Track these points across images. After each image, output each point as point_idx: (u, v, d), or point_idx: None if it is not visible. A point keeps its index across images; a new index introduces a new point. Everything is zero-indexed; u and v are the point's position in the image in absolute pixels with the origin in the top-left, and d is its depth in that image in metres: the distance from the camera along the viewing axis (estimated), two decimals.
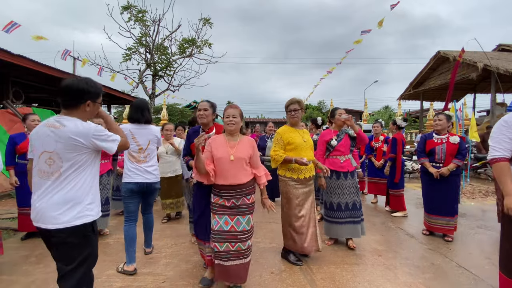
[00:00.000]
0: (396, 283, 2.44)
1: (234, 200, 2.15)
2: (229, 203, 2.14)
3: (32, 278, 2.53)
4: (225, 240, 2.13)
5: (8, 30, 6.77)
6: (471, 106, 14.41)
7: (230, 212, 2.16)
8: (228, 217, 2.15)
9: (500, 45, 13.55)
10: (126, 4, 8.42)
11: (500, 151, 1.70)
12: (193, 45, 9.25)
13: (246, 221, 2.19)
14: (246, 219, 2.19)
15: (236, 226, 2.14)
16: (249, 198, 2.21)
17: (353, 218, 3.10)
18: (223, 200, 2.15)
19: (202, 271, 2.62)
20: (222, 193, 2.15)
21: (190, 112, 27.01)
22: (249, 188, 2.21)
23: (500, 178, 1.71)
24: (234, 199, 2.15)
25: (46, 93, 8.65)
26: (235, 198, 2.15)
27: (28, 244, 3.33)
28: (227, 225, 2.14)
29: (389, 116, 20.65)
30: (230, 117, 2.18)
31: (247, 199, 2.20)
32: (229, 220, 2.15)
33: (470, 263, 2.82)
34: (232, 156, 2.12)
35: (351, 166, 3.15)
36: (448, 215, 3.39)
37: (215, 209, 2.19)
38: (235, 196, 2.15)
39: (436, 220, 3.48)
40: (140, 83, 9.10)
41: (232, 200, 2.14)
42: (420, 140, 3.68)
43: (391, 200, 4.59)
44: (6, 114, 5.76)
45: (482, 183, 7.07)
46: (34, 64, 6.02)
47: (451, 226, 3.40)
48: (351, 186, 3.12)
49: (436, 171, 3.38)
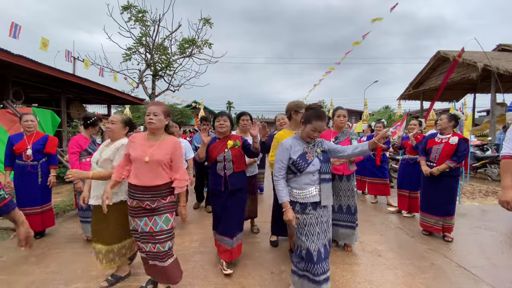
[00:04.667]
0: (396, 283, 2.44)
1: (149, 202, 2.02)
2: (144, 204, 2.02)
3: (32, 278, 2.53)
4: (147, 241, 2.05)
5: (15, 34, 6.80)
6: (471, 106, 14.42)
7: (148, 213, 2.04)
8: (147, 219, 2.04)
9: (500, 45, 13.55)
10: (126, 4, 8.41)
11: (507, 149, 1.89)
12: (193, 45, 9.25)
13: (164, 220, 2.06)
14: (163, 218, 2.06)
15: (154, 226, 2.03)
16: (165, 198, 2.08)
17: (347, 223, 3.03)
18: (137, 202, 2.03)
19: (202, 271, 2.63)
20: (137, 194, 2.02)
21: (190, 112, 27.05)
22: (165, 191, 2.07)
23: (502, 173, 1.89)
24: (149, 201, 2.02)
25: (46, 93, 8.64)
26: (150, 200, 2.02)
27: None
28: (146, 226, 2.03)
29: (389, 116, 20.61)
30: (150, 115, 2.03)
31: (163, 200, 2.07)
32: (148, 222, 2.04)
33: (470, 263, 2.82)
34: (147, 158, 1.98)
35: (347, 169, 3.02)
36: (438, 214, 3.40)
37: (133, 213, 2.08)
38: (150, 198, 2.02)
39: (427, 218, 3.53)
40: (140, 83, 9.09)
41: (146, 202, 2.01)
42: (423, 139, 3.69)
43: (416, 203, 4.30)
44: (6, 114, 5.75)
45: (482, 183, 7.07)
46: (34, 64, 6.01)
47: (439, 225, 3.41)
48: (346, 189, 3.03)
49: (426, 170, 3.43)
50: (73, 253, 3.08)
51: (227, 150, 2.61)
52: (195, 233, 3.65)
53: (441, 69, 12.96)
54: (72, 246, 3.26)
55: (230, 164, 2.61)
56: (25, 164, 3.33)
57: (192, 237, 3.50)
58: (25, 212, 3.33)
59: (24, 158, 3.33)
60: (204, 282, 2.46)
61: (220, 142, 2.66)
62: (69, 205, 4.78)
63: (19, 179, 3.35)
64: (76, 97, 9.63)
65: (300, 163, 1.99)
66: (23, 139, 3.34)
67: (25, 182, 3.35)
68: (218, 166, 2.62)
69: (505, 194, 1.79)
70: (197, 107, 22.30)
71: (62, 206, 4.70)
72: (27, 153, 3.32)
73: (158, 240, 2.03)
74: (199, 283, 2.45)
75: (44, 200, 3.46)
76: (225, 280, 2.48)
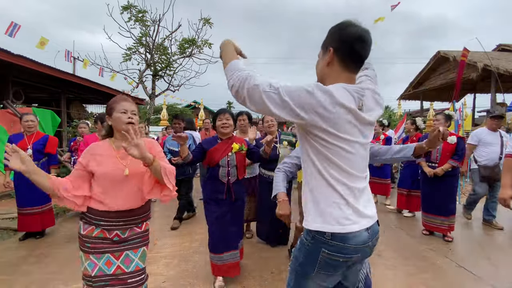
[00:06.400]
0: (396, 283, 2.44)
1: (119, 232, 1.47)
2: (112, 235, 1.46)
3: (32, 278, 2.53)
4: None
5: (12, 33, 6.75)
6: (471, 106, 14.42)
7: (114, 247, 1.47)
8: (111, 255, 1.46)
9: (500, 45, 13.54)
10: (126, 4, 8.42)
11: (509, 148, 2.00)
12: (193, 45, 9.25)
13: (140, 256, 1.54)
14: (139, 253, 1.54)
15: (125, 266, 1.48)
16: (141, 226, 1.56)
17: None
18: (101, 231, 1.45)
19: (202, 271, 2.63)
20: (101, 221, 1.44)
21: (190, 112, 27.04)
22: (142, 216, 1.56)
23: (503, 171, 1.99)
24: (119, 231, 1.47)
25: (46, 93, 8.64)
26: (120, 229, 1.47)
27: (28, 244, 3.33)
28: (110, 266, 1.46)
29: (389, 115, 20.61)
30: (128, 113, 1.47)
31: (138, 228, 1.54)
32: (112, 259, 1.46)
33: (470, 263, 2.82)
34: (126, 170, 1.44)
35: None
36: (443, 214, 3.40)
37: (89, 246, 1.44)
38: (122, 226, 1.47)
39: (431, 219, 3.51)
40: (140, 83, 9.09)
41: (116, 231, 1.46)
42: (418, 140, 3.69)
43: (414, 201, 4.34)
44: (6, 114, 5.75)
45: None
46: (34, 64, 6.01)
47: (445, 225, 3.41)
48: None
49: (430, 171, 3.41)
50: (73, 253, 3.07)
51: (231, 154, 2.34)
52: (195, 233, 3.64)
53: (441, 69, 12.94)
54: (72, 246, 3.26)
55: (234, 170, 2.37)
56: None
57: (192, 237, 3.50)
58: (25, 212, 3.36)
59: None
60: (204, 282, 2.46)
61: (223, 144, 2.37)
62: None
63: (19, 179, 3.35)
64: (76, 97, 9.63)
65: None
66: (23, 139, 3.35)
67: (25, 182, 3.34)
68: (221, 172, 2.34)
69: (504, 192, 1.86)
70: (197, 107, 22.31)
71: (62, 206, 4.70)
72: (27, 153, 3.32)
73: (130, 284, 1.49)
74: (199, 283, 2.45)
75: (44, 200, 3.46)
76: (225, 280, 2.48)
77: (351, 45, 1.06)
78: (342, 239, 1.05)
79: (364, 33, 1.07)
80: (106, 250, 1.46)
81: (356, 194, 1.09)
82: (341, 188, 1.06)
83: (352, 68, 1.11)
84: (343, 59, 1.08)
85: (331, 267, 1.09)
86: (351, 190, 1.08)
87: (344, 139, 1.03)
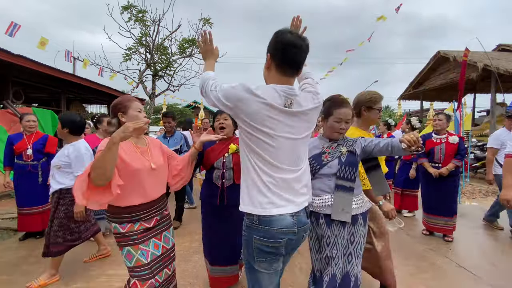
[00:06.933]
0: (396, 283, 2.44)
1: (158, 217, 1.73)
2: (152, 223, 1.69)
3: (32, 278, 2.52)
4: (163, 267, 1.73)
5: (12, 33, 6.74)
6: (471, 106, 14.42)
7: (154, 232, 1.71)
8: (155, 239, 1.70)
9: (500, 45, 13.54)
10: (126, 4, 8.41)
11: (509, 148, 1.96)
12: (193, 45, 9.24)
13: (171, 234, 1.85)
14: (171, 232, 1.84)
15: (166, 244, 1.76)
16: (166, 209, 1.84)
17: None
18: (140, 224, 1.64)
19: (202, 271, 2.63)
20: (142, 214, 1.64)
21: (190, 112, 27.06)
22: (165, 199, 1.85)
23: (504, 172, 1.97)
24: (158, 216, 1.73)
25: (46, 93, 8.64)
26: (157, 215, 1.73)
27: (28, 244, 3.33)
28: (158, 248, 1.70)
29: (389, 115, 20.64)
30: (142, 112, 1.71)
31: (165, 211, 1.82)
32: (157, 242, 1.71)
33: (470, 263, 2.82)
34: (153, 164, 1.66)
35: None
36: (447, 215, 3.39)
37: (136, 238, 1.61)
38: (157, 212, 1.73)
39: (435, 220, 3.49)
40: (140, 83, 9.08)
41: (155, 218, 1.71)
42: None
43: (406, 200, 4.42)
44: (6, 114, 5.75)
45: (482, 183, 7.06)
46: (34, 64, 6.02)
47: (449, 226, 3.40)
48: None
49: (435, 171, 3.39)
50: (73, 253, 3.07)
51: (227, 155, 2.16)
52: (195, 233, 3.64)
53: (441, 70, 12.94)
54: None
55: (230, 172, 2.14)
56: (25, 164, 3.33)
57: (192, 237, 3.50)
58: (25, 212, 3.36)
59: (24, 158, 3.33)
60: (204, 282, 2.46)
61: (220, 145, 2.22)
62: None
63: (19, 179, 3.36)
64: (76, 97, 9.63)
65: (312, 163, 1.69)
66: (23, 138, 3.35)
67: (25, 182, 3.35)
68: (215, 174, 2.16)
69: (506, 193, 1.84)
70: (197, 107, 22.31)
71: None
72: (27, 153, 3.33)
73: (173, 257, 1.82)
74: (199, 283, 2.45)
75: (44, 200, 3.45)
76: None
77: (284, 51, 1.20)
78: (266, 222, 1.21)
79: (297, 40, 1.21)
80: (150, 236, 1.67)
81: (280, 184, 1.23)
82: (265, 177, 1.22)
83: (288, 73, 1.25)
84: (279, 64, 1.24)
85: (265, 253, 1.25)
86: (275, 180, 1.22)
87: (265, 133, 1.19)
